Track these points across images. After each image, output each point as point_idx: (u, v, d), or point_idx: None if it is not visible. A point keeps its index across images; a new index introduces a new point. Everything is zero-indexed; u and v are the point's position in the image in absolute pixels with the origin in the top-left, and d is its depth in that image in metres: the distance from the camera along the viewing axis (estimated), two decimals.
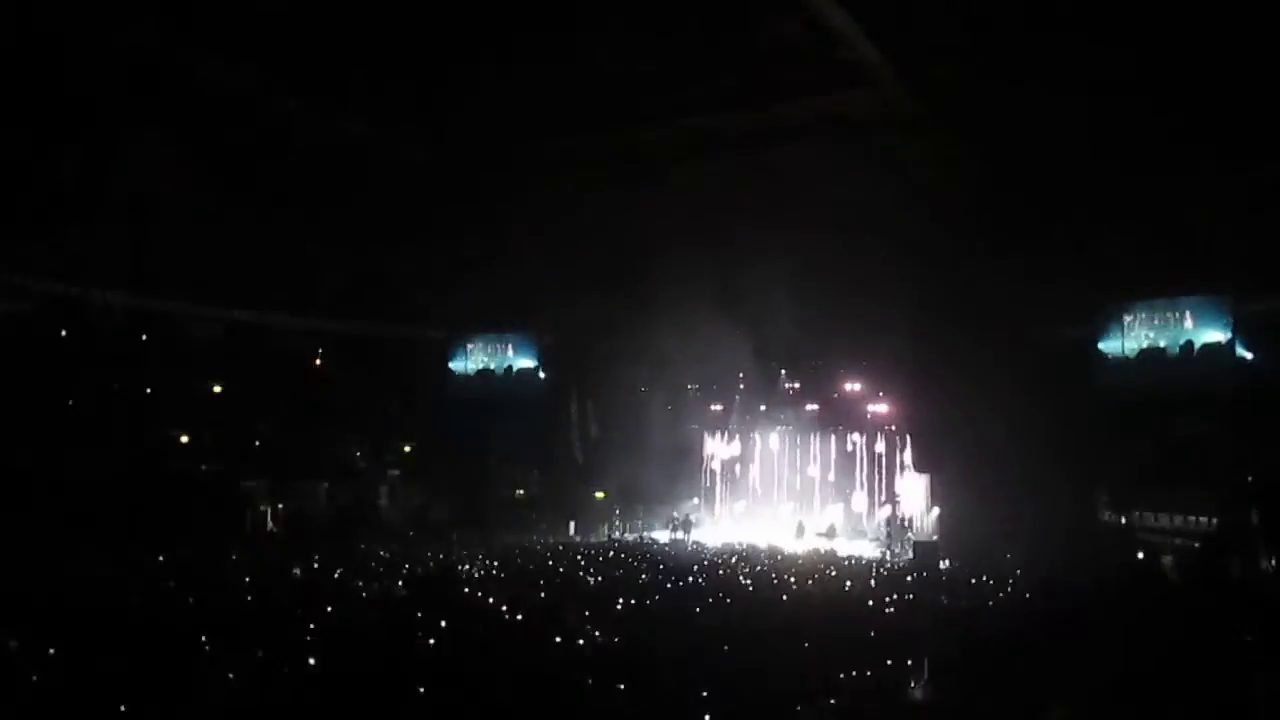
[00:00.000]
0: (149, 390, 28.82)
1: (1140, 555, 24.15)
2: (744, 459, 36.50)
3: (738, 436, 36.47)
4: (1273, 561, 21.38)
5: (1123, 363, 26.33)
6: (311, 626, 12.71)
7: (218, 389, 30.70)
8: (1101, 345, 26.65)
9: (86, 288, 26.72)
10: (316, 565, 19.90)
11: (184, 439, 29.18)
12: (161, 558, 19.71)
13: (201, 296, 29.59)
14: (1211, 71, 18.88)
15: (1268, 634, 14.42)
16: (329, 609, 14.19)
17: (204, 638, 11.56)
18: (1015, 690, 10.29)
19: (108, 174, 23.68)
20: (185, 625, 12.43)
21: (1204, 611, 16.55)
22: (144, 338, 29.29)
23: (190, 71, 21.17)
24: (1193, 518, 24.01)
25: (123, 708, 8.68)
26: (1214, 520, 23.37)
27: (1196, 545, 23.41)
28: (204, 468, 28.70)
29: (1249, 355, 24.16)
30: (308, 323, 32.67)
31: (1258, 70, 18.57)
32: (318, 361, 33.18)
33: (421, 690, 9.57)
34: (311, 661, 10.80)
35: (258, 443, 30.83)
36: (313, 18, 19.06)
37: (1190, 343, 25.22)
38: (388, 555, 22.43)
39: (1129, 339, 26.34)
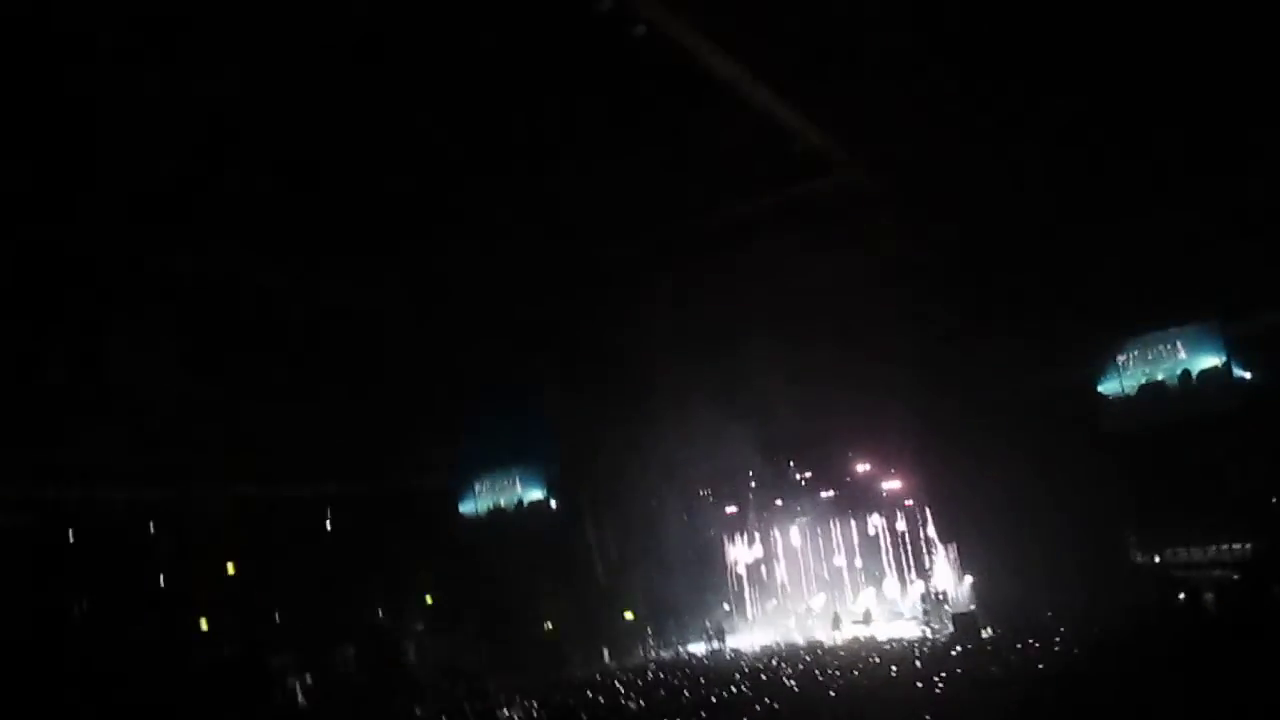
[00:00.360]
0: (163, 582, 28.58)
1: (1181, 594, 23.77)
2: (768, 557, 36.12)
3: (758, 535, 36.16)
4: None
5: (1125, 401, 26.31)
6: None
7: (231, 569, 30.43)
8: (1101, 388, 26.66)
9: (87, 489, 26.70)
10: None
11: (204, 625, 28.78)
12: None
13: (202, 479, 29.54)
14: (1167, 108, 19.37)
15: None
16: None
17: None
18: None
19: (95, 371, 23.90)
20: None
21: (1255, 643, 16.23)
22: (151, 530, 29.16)
23: (169, 256, 21.57)
24: (1225, 546, 23.74)
25: None
26: (1247, 546, 23.11)
27: (1235, 577, 23.08)
28: (226, 651, 28.25)
29: (1246, 375, 24.22)
30: (313, 490, 32.57)
31: (1222, 98, 19.07)
32: (328, 526, 32.98)
33: None
34: None
35: (278, 617, 30.43)
36: (284, 196, 19.57)
37: (1187, 371, 25.28)
38: (423, 713, 21.99)
39: (1127, 377, 26.38)
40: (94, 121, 16.51)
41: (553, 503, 33.91)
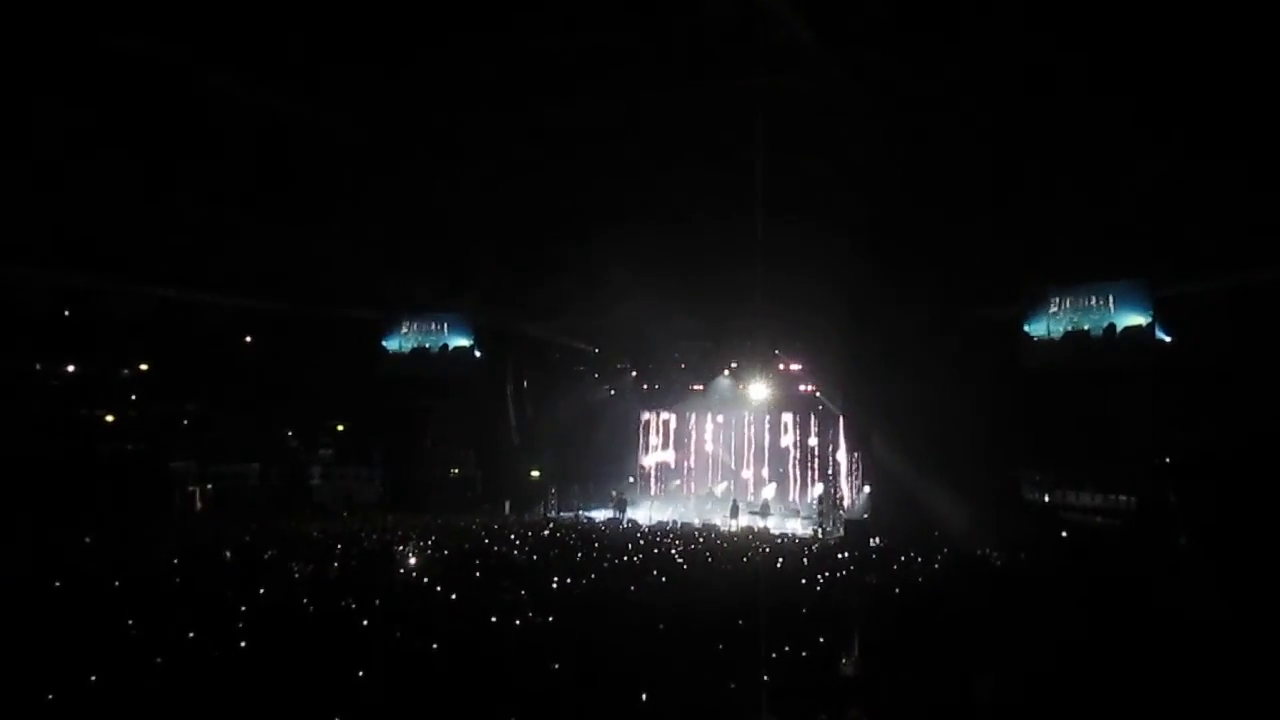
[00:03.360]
0: (72, 369, 28.16)
1: (1064, 533, 24.86)
2: (680, 438, 36.82)
3: (674, 415, 36.74)
4: (1189, 538, 22.15)
5: (1048, 344, 26.90)
6: (243, 608, 12.58)
7: (144, 368, 30.06)
8: (1028, 328, 27.20)
9: (4, 266, 25.95)
10: (248, 546, 19.64)
11: (110, 419, 28.56)
12: (87, 539, 19.32)
13: (126, 274, 28.83)
14: (1132, 66, 19.29)
15: (1185, 608, 14.97)
16: (261, 590, 14.05)
17: (130, 621, 11.39)
18: (944, 664, 10.57)
19: (28, 148, 22.95)
20: (111, 608, 12.23)
21: (1127, 587, 17.12)
22: (66, 315, 28.59)
23: (114, 41, 20.53)
24: (1113, 496, 24.75)
25: (49, 695, 8.54)
26: (1133, 499, 24.11)
27: (1118, 523, 24.15)
28: (130, 448, 28.14)
29: (1167, 338, 24.86)
30: (237, 301, 32.05)
31: (1175, 62, 19.02)
32: (248, 340, 32.61)
33: (357, 671, 9.54)
34: (243, 644, 10.70)
35: (186, 422, 30.29)
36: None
37: (1112, 326, 25.85)
38: (321, 536, 22.22)
39: (1055, 322, 26.93)
40: None
41: (477, 352, 33.90)
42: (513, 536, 23.83)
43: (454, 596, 14.28)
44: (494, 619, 12.57)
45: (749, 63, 21.30)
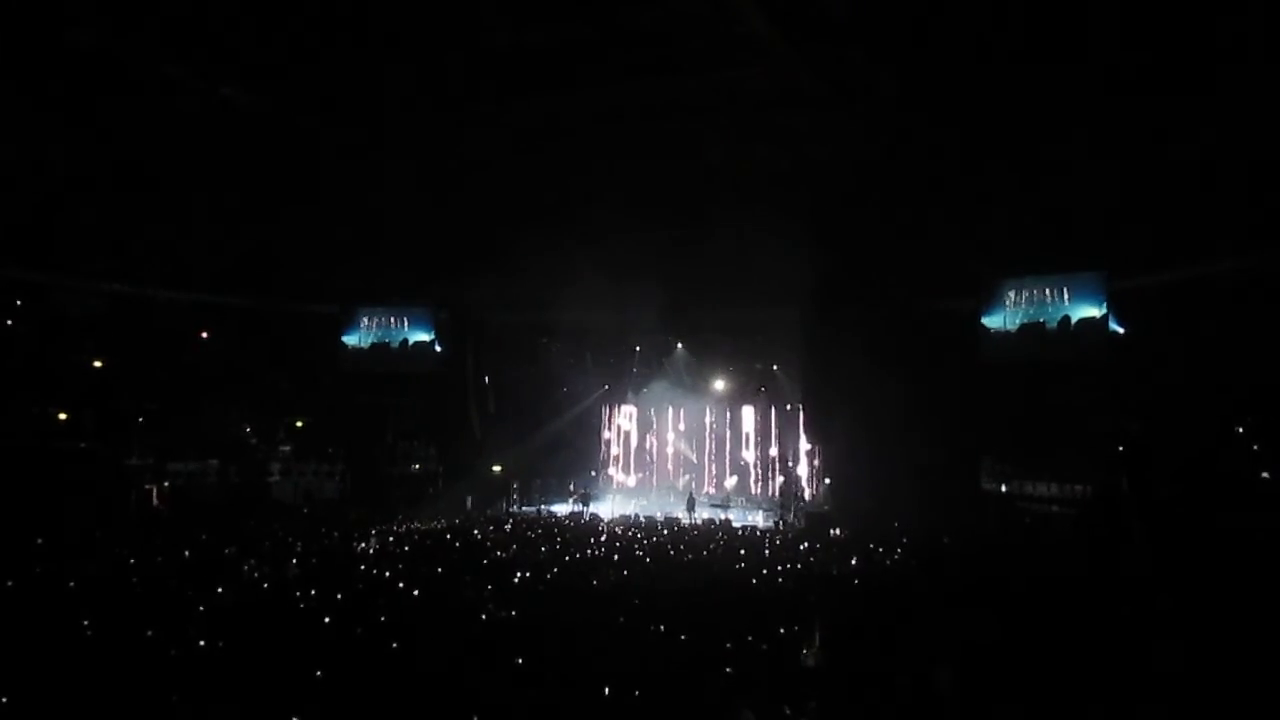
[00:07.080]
0: (24, 366, 27.67)
1: (1020, 522, 25.19)
2: (641, 432, 36.89)
3: (635, 409, 36.79)
4: (1142, 526, 22.51)
5: (1005, 336, 27.23)
6: (201, 607, 12.47)
7: (98, 364, 29.58)
8: (985, 320, 27.50)
9: None
10: (206, 544, 19.44)
11: (62, 416, 28.07)
12: (40, 539, 19.04)
13: (80, 269, 28.36)
14: (1087, 55, 19.54)
15: (1138, 594, 15.25)
16: (219, 589, 13.93)
17: (87, 621, 11.26)
18: (903, 654, 10.69)
19: None
20: (66, 609, 12.08)
21: (1082, 575, 17.40)
22: (18, 306, 28.11)
23: (61, 32, 20.17)
24: (1069, 485, 25.09)
25: (2, 697, 8.43)
26: (1088, 488, 24.46)
27: (1072, 512, 24.50)
28: (85, 445, 27.69)
29: (1120, 329, 25.23)
30: (193, 297, 31.63)
31: (1133, 53, 19.28)
32: (204, 336, 32.18)
33: (316, 670, 9.49)
34: (201, 643, 10.61)
35: (141, 419, 29.86)
36: None
37: (1067, 317, 26.20)
38: (281, 534, 22.03)
39: (1011, 314, 27.25)
40: None
41: (437, 347, 33.71)
42: (475, 532, 23.78)
43: (416, 593, 14.24)
44: (457, 614, 12.55)
45: (712, 57, 21.34)
